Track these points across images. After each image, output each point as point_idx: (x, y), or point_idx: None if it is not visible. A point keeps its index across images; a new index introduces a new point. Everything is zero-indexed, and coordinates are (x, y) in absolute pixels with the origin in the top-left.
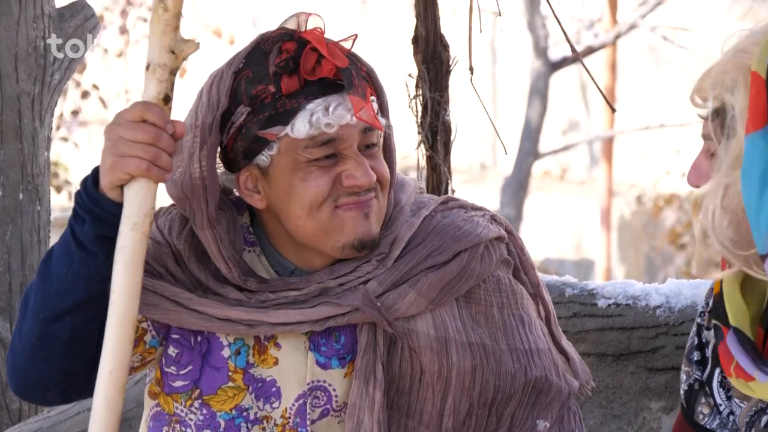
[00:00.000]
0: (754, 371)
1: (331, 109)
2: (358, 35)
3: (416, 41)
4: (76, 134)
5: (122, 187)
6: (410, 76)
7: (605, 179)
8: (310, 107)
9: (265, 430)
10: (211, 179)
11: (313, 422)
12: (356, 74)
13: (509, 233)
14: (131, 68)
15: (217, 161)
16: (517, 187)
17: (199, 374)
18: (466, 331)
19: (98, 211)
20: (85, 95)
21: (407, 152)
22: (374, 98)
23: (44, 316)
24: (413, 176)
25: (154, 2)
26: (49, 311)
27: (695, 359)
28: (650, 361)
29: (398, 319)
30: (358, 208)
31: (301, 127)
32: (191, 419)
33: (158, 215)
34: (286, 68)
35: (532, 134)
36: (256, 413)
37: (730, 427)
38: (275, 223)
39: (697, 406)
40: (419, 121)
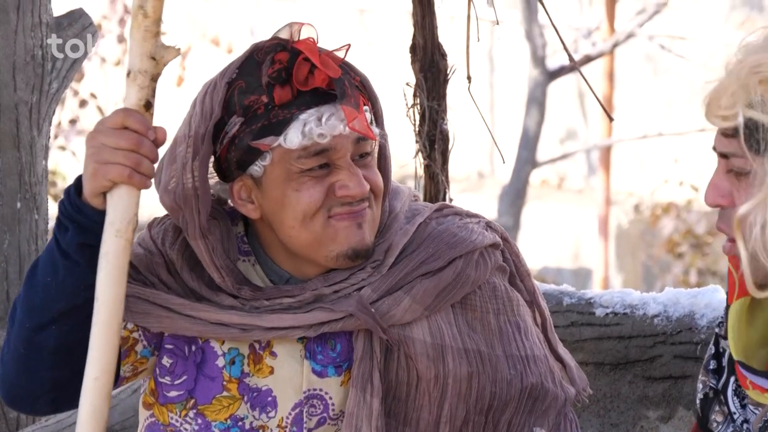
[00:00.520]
0: None
1: (323, 119)
2: (350, 45)
3: (414, 50)
4: (73, 143)
5: (105, 194)
6: (408, 84)
7: (603, 188)
8: (302, 117)
9: None
10: (203, 189)
11: (310, 431)
12: (349, 84)
13: (504, 240)
14: None
15: (210, 171)
16: (514, 195)
17: (193, 384)
18: (462, 337)
19: (81, 219)
20: (83, 104)
21: (405, 161)
22: (367, 108)
23: (30, 325)
24: (411, 185)
25: (133, 9)
26: (35, 320)
27: (711, 368)
28: (648, 370)
29: (394, 326)
30: (351, 218)
31: (293, 137)
32: (186, 429)
33: (152, 225)
34: (278, 79)
35: (529, 143)
36: (251, 423)
37: None
38: (269, 232)
39: (711, 413)
40: (417, 129)
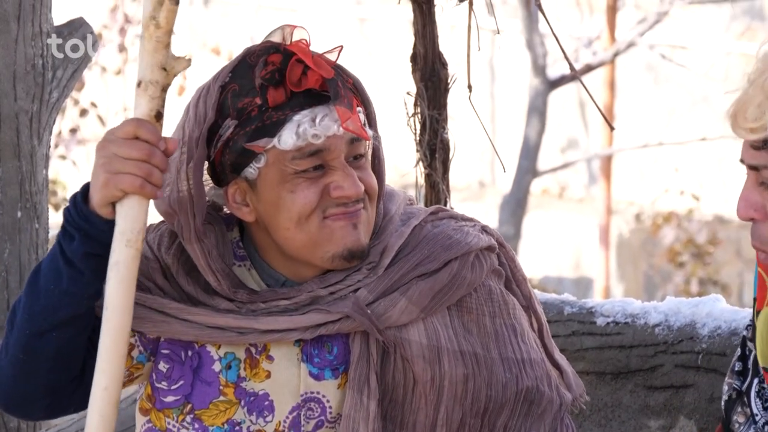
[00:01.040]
0: None
1: (317, 120)
2: (343, 47)
3: (415, 59)
4: (74, 152)
5: (114, 204)
6: (409, 94)
7: (604, 197)
8: (296, 119)
9: None
10: (197, 192)
11: None
12: (342, 85)
13: (500, 245)
14: (130, 86)
15: (204, 176)
16: (515, 205)
17: (190, 389)
18: (458, 339)
19: (88, 228)
20: (83, 113)
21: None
22: (361, 109)
23: (31, 331)
24: (412, 194)
25: (145, 19)
26: (35, 327)
27: (737, 369)
28: (649, 379)
29: (390, 327)
30: (346, 218)
31: (288, 138)
32: None
33: (148, 231)
34: (271, 80)
35: (530, 152)
36: (249, 427)
37: None
38: (264, 235)
39: (733, 414)
40: (418, 139)
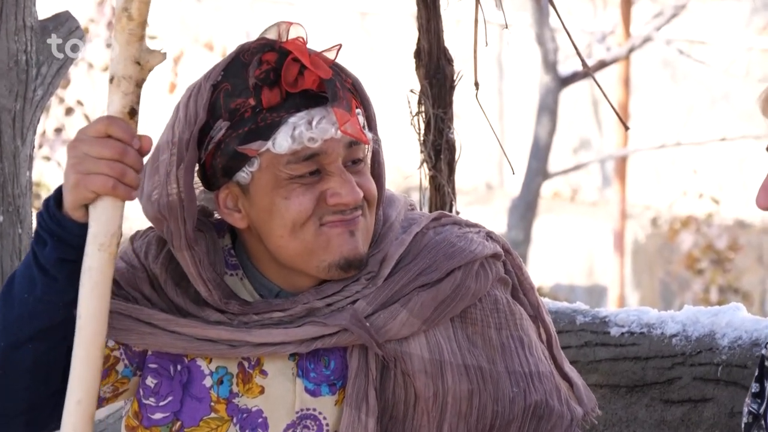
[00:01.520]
0: None
1: (314, 122)
2: (341, 45)
3: (419, 55)
4: (59, 153)
5: (87, 206)
6: (412, 91)
7: (618, 201)
8: (292, 121)
9: None
10: (188, 197)
11: None
12: (341, 86)
13: (506, 251)
14: None
15: (195, 181)
16: (525, 209)
17: (179, 405)
18: (462, 353)
19: (60, 232)
20: (69, 112)
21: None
22: (360, 111)
23: (6, 343)
24: (415, 197)
25: (117, 11)
26: (10, 338)
27: (754, 391)
28: (666, 392)
29: (390, 341)
30: (343, 225)
31: (282, 141)
32: None
33: (135, 238)
34: (266, 80)
35: (540, 153)
36: None
37: None
38: (257, 243)
39: None
40: (422, 139)
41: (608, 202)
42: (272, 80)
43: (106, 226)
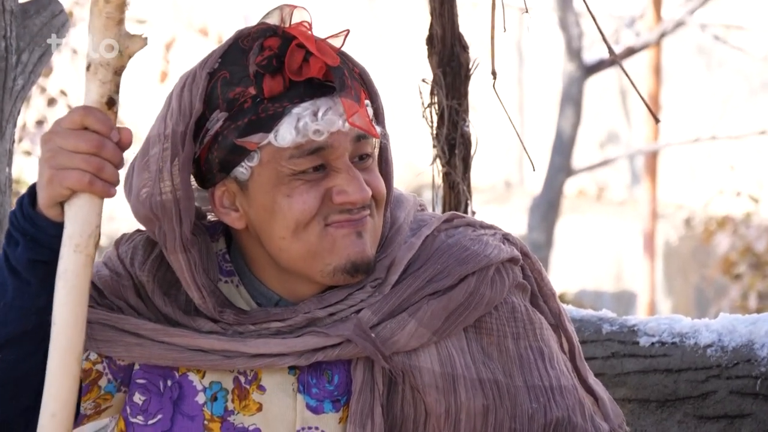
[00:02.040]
0: None
1: (320, 113)
2: (349, 31)
3: (431, 41)
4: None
5: (62, 204)
6: (424, 81)
7: (648, 199)
8: (296, 112)
9: None
10: (184, 195)
11: None
12: (349, 74)
13: (524, 255)
14: None
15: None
16: (546, 208)
17: (170, 424)
18: (476, 366)
19: (33, 231)
20: (51, 102)
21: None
22: (368, 103)
23: None
24: (428, 195)
25: None
26: None
27: None
28: (700, 408)
29: (398, 353)
30: (350, 225)
31: (285, 134)
32: None
33: (120, 242)
34: (268, 68)
35: (564, 148)
36: None
37: None
38: (256, 246)
39: None
40: (435, 132)
41: (637, 201)
42: (275, 67)
43: (82, 225)
